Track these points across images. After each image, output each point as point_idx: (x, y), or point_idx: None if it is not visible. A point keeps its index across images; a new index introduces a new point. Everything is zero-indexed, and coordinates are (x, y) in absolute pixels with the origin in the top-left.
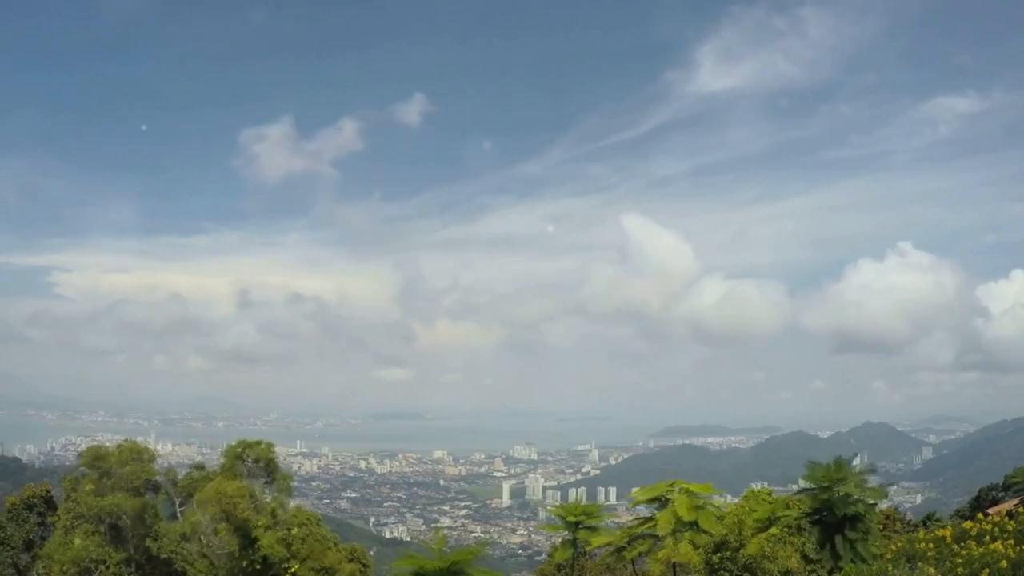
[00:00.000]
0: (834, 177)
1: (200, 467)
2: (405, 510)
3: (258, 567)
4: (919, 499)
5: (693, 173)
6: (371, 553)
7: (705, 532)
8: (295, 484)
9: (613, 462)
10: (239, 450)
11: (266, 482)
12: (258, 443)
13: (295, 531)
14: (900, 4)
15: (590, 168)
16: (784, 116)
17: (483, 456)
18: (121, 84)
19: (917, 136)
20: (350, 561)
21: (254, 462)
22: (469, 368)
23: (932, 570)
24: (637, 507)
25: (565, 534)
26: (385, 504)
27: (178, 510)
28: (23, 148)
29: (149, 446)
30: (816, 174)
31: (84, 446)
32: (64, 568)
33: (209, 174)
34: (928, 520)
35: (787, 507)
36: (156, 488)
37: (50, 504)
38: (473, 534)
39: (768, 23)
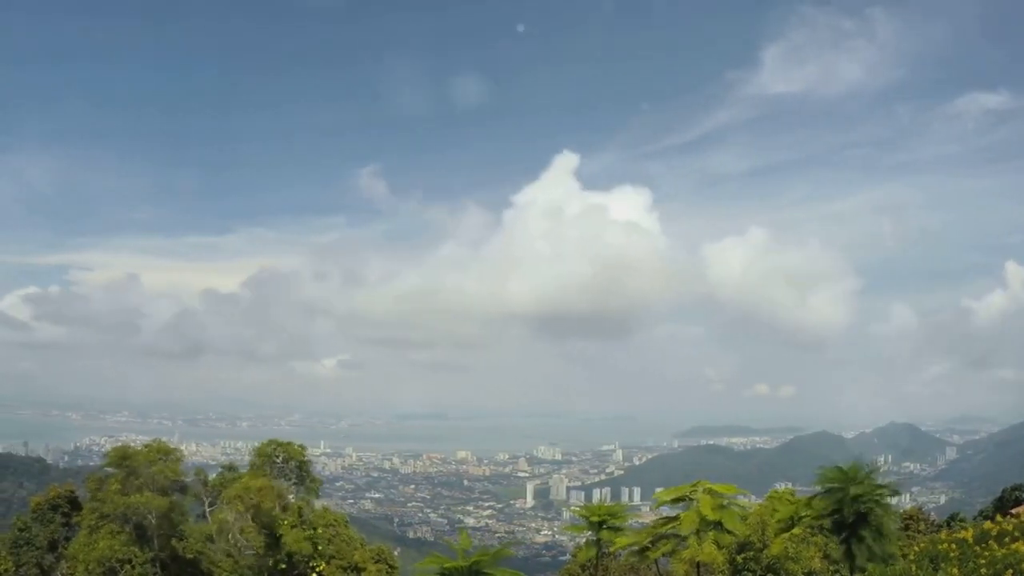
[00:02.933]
0: (889, 177)
1: (231, 468)
2: (429, 510)
3: (283, 567)
4: (943, 499)
5: (748, 174)
6: (395, 553)
7: (729, 532)
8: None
9: (637, 462)
10: (270, 449)
11: (295, 483)
12: (290, 444)
13: (320, 531)
14: (966, 6)
15: (644, 166)
16: (843, 118)
17: (507, 456)
18: (156, 82)
19: (972, 137)
20: (376, 562)
21: (284, 462)
22: (492, 368)
23: (955, 571)
24: (661, 507)
25: (589, 534)
26: (409, 504)
27: (207, 510)
28: (36, 144)
29: (174, 446)
30: (869, 175)
31: (108, 446)
32: (89, 567)
33: (240, 173)
34: (951, 520)
35: (810, 507)
36: (183, 489)
37: (75, 504)
38: (497, 534)
39: (837, 24)
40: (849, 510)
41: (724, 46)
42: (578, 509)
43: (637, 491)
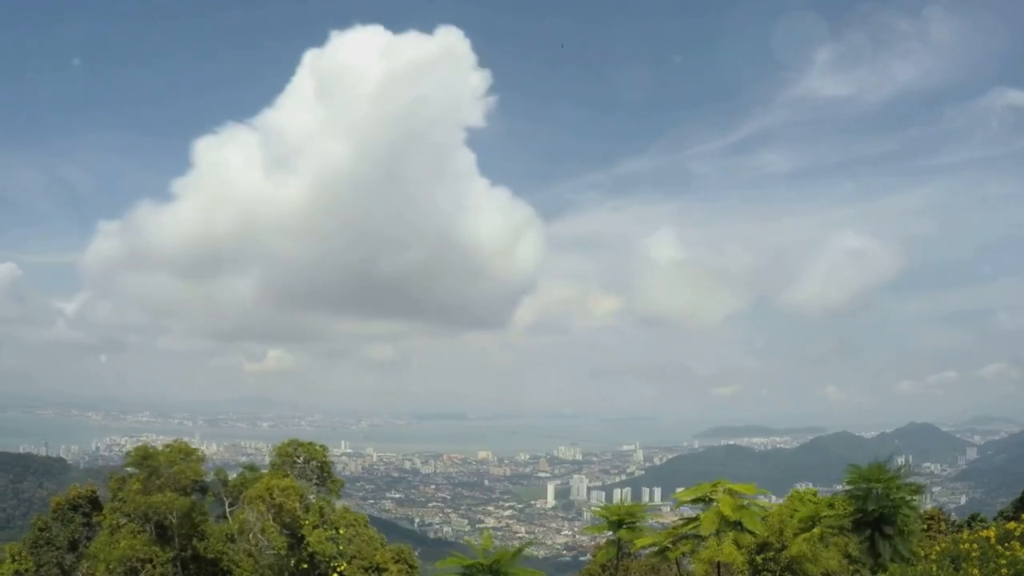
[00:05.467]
0: (926, 180)
1: (251, 468)
2: (450, 510)
3: (305, 566)
4: (963, 500)
5: (792, 175)
6: (416, 553)
7: (749, 532)
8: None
9: (658, 463)
10: (290, 449)
11: (316, 483)
12: (311, 444)
13: (343, 531)
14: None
15: (689, 166)
16: (893, 121)
17: (527, 457)
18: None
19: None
20: (396, 562)
21: (305, 462)
22: (512, 369)
23: (976, 571)
24: (682, 507)
25: (609, 534)
26: (430, 504)
27: (227, 510)
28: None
29: (195, 446)
30: (908, 177)
31: (129, 446)
32: (110, 567)
33: None
34: (972, 521)
35: (831, 507)
36: (204, 489)
37: (95, 504)
38: (518, 534)
39: (893, 25)
40: (877, 509)
41: (778, 46)
42: (598, 509)
43: (658, 491)
